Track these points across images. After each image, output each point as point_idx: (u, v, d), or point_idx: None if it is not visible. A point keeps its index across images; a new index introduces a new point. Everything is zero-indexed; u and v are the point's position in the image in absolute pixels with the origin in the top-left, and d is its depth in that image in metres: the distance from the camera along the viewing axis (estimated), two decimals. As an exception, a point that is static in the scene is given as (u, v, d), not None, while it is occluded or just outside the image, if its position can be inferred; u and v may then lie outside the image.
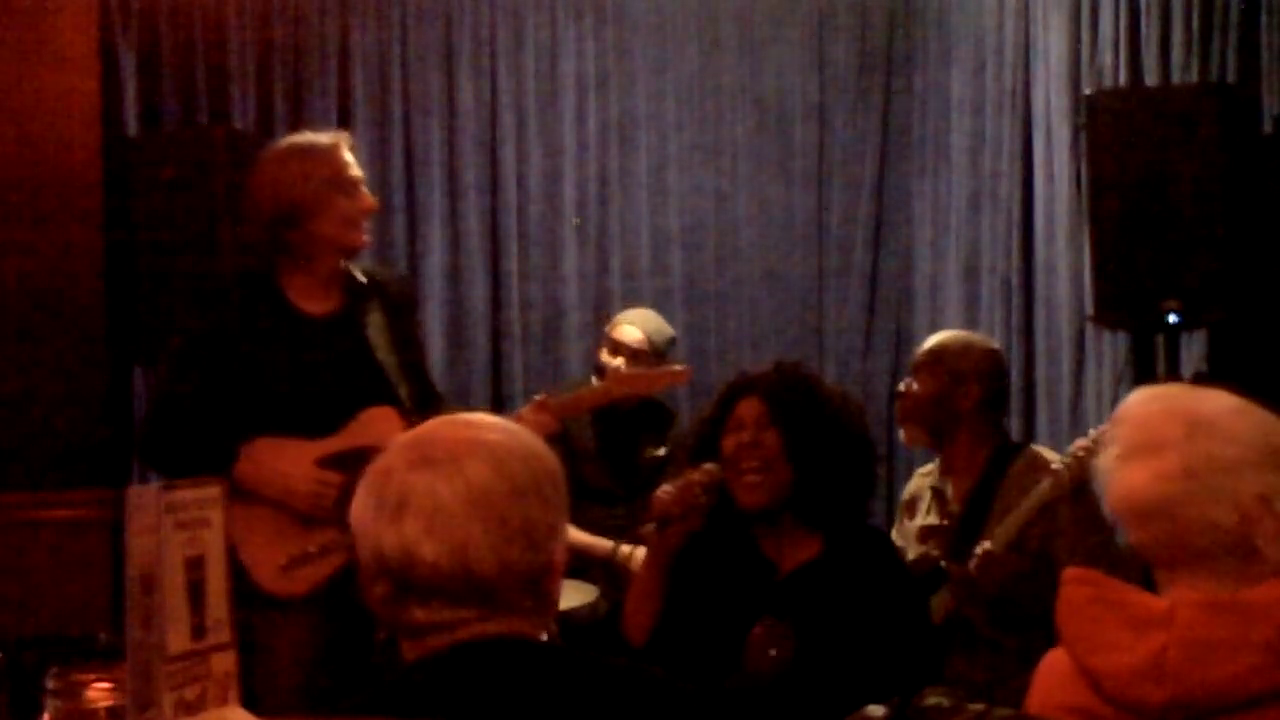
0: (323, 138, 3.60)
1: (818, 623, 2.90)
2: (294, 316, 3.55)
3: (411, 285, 3.84)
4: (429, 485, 1.72)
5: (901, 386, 3.89)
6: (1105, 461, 2.11)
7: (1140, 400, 2.13)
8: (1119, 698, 1.96)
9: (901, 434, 3.92)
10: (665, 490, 3.00)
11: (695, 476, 2.99)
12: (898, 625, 2.94)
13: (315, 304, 3.58)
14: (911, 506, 3.95)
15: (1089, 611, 2.03)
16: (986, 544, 3.53)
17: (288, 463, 3.45)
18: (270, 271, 3.56)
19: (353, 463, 3.42)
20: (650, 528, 3.00)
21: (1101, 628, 2.01)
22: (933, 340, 3.95)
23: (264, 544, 3.40)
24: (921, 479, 3.97)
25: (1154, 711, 1.93)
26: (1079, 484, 3.49)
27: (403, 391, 3.59)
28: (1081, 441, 3.58)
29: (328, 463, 3.46)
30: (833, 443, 3.00)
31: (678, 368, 3.89)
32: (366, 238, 3.63)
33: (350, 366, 3.56)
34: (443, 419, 1.89)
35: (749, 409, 3.02)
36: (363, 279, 3.64)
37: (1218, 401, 2.06)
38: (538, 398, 3.65)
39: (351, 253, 3.60)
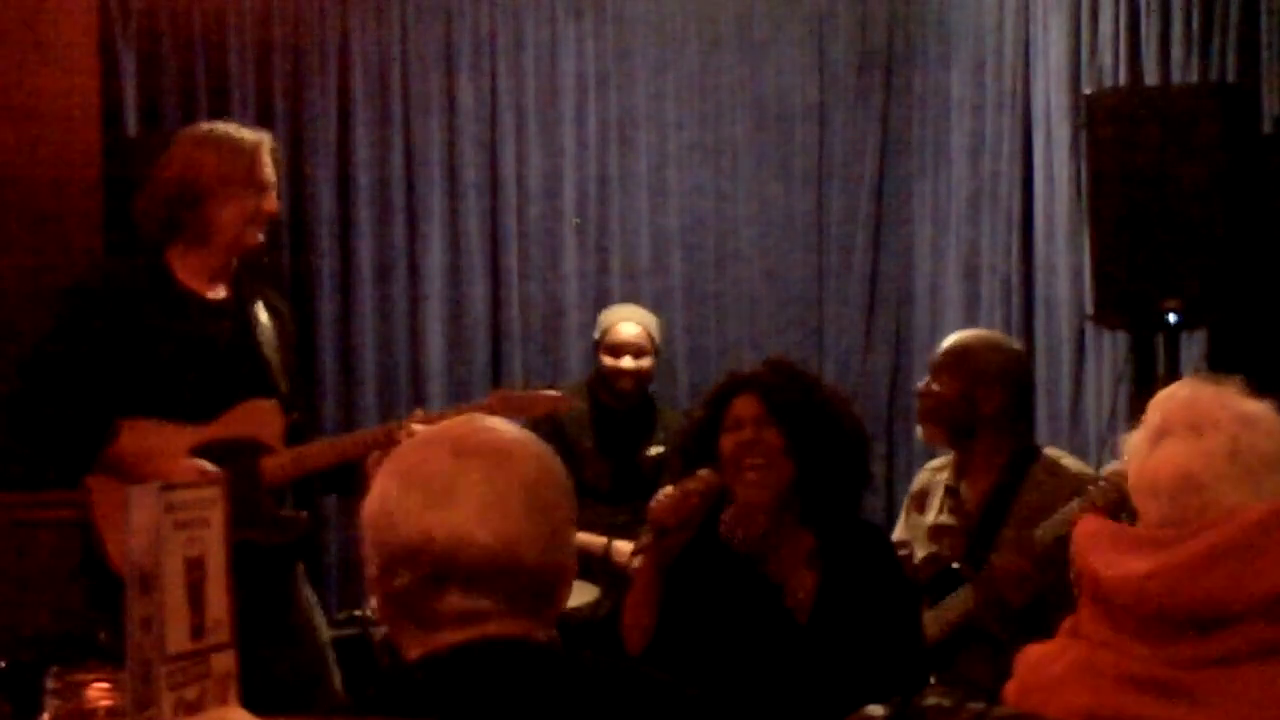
0: (246, 133, 3.53)
1: (812, 621, 2.90)
2: (181, 293, 3.47)
3: (288, 300, 3.88)
4: (482, 474, 1.74)
5: (921, 385, 3.80)
6: (1139, 438, 2.13)
7: (1186, 386, 2.18)
8: (1118, 596, 1.99)
9: (919, 432, 3.85)
10: (661, 500, 2.99)
11: (691, 485, 2.98)
12: (892, 621, 2.93)
13: (203, 288, 3.50)
14: (921, 501, 3.90)
15: (1099, 537, 2.07)
16: (1021, 562, 3.48)
17: (161, 446, 3.34)
18: (160, 251, 3.48)
19: (228, 454, 3.38)
20: (647, 538, 3.00)
21: (1107, 546, 2.08)
22: (955, 339, 3.85)
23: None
24: (932, 473, 3.92)
25: (1152, 600, 1.97)
26: (1112, 506, 3.43)
27: (284, 386, 3.53)
28: (1117, 466, 3.50)
29: (202, 451, 3.37)
30: (832, 436, 3.01)
31: (556, 394, 3.79)
32: (261, 239, 3.52)
33: (234, 352, 3.48)
34: (456, 419, 1.90)
35: (746, 407, 3.01)
36: (249, 279, 3.58)
37: (1255, 400, 2.12)
38: (418, 411, 3.56)
39: (245, 250, 3.50)
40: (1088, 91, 4.68)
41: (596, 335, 4.96)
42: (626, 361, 4.79)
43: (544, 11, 5.87)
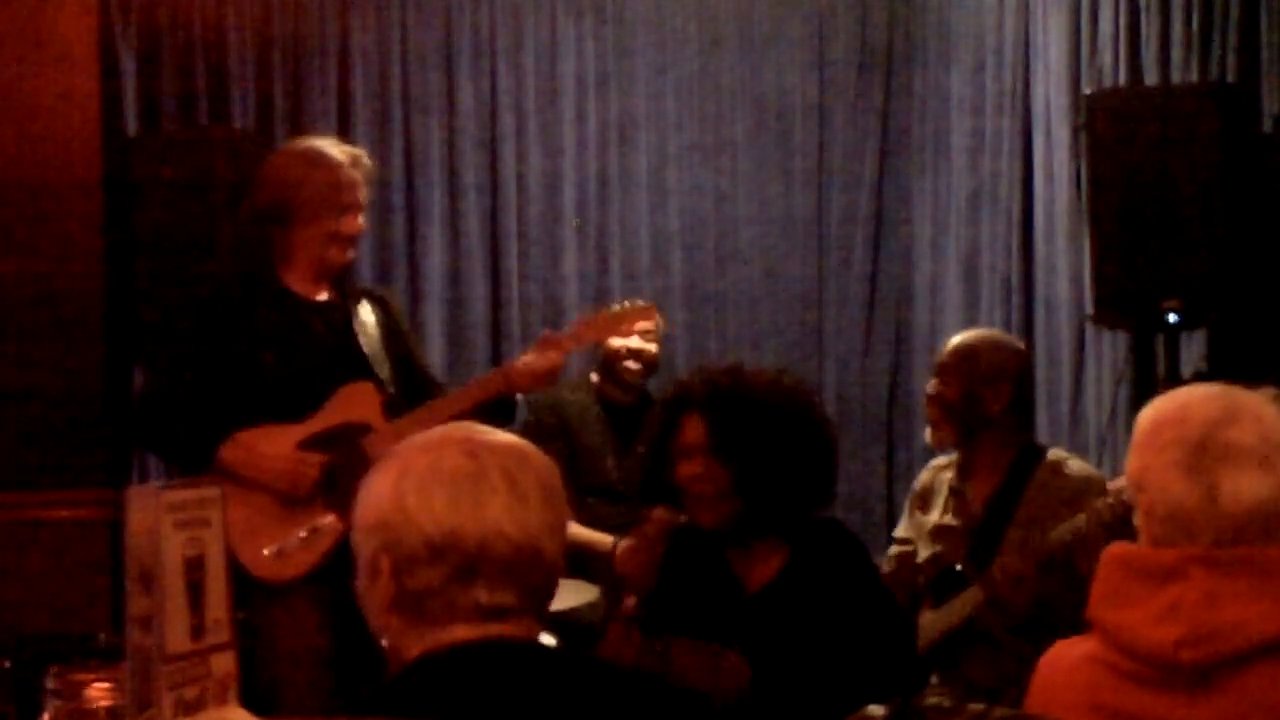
0: (337, 151, 3.67)
1: (784, 640, 2.86)
2: (283, 294, 3.65)
3: (398, 303, 4.02)
4: (501, 472, 1.76)
5: (930, 389, 3.75)
6: (1177, 459, 2.03)
7: (1229, 404, 2.06)
8: (1134, 645, 1.97)
9: (928, 435, 3.83)
10: (625, 553, 3.01)
11: (649, 530, 2.99)
12: (871, 630, 2.89)
13: (308, 291, 3.68)
14: (925, 500, 3.88)
15: (1114, 574, 2.05)
16: (1024, 566, 3.47)
17: (270, 446, 3.51)
18: (268, 259, 3.66)
19: (333, 442, 3.53)
20: (630, 601, 2.98)
21: (1123, 584, 2.03)
22: (958, 340, 3.80)
23: (252, 530, 3.44)
24: (935, 472, 3.90)
25: (1168, 648, 1.94)
26: (1118, 521, 3.40)
27: (384, 373, 3.66)
28: (1122, 483, 3.47)
29: (309, 444, 3.52)
30: (781, 460, 2.89)
31: (641, 303, 3.91)
32: (349, 256, 3.71)
33: (332, 346, 3.64)
34: (456, 424, 1.91)
35: (693, 433, 2.92)
36: (357, 284, 3.81)
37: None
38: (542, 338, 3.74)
39: (330, 269, 3.68)
40: (1088, 91, 4.68)
41: None
42: (635, 341, 4.76)
43: (544, 11, 5.87)
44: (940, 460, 3.93)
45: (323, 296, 3.69)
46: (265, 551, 3.44)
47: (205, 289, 3.88)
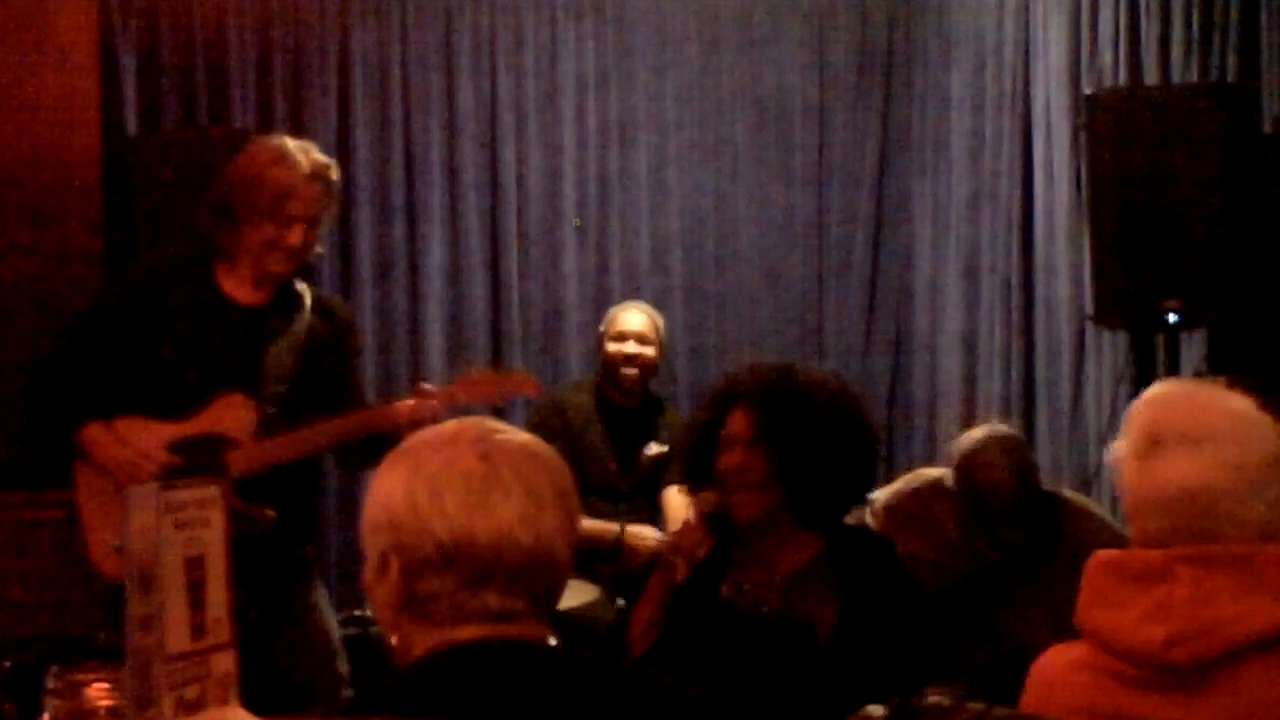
0: (304, 160, 3.50)
1: (832, 648, 2.87)
2: (209, 293, 3.53)
3: (355, 325, 3.86)
4: (515, 475, 1.74)
5: (1000, 482, 3.74)
6: (1124, 449, 2.07)
7: (1168, 390, 2.12)
8: (1125, 647, 1.97)
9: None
10: (676, 534, 3.02)
11: (695, 510, 3.01)
12: (896, 625, 2.91)
13: (239, 293, 3.55)
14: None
15: (1100, 578, 2.05)
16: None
17: (137, 437, 3.44)
18: (206, 253, 3.55)
19: (198, 449, 3.44)
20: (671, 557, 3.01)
21: (1110, 588, 2.03)
22: (1004, 443, 3.78)
23: (106, 521, 3.39)
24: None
25: (1159, 647, 1.94)
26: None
27: (273, 387, 3.52)
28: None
29: (176, 446, 3.44)
30: (825, 456, 2.93)
31: (527, 380, 3.77)
32: (289, 267, 3.53)
33: (237, 352, 3.51)
34: (470, 420, 1.87)
35: (739, 423, 2.96)
36: (302, 291, 3.61)
37: (1245, 400, 2.08)
38: (424, 385, 3.61)
39: (269, 276, 3.52)
40: (1088, 91, 4.69)
41: (603, 328, 4.96)
42: (630, 346, 4.80)
43: (544, 11, 5.87)
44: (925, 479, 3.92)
45: (255, 300, 3.55)
46: (108, 547, 3.37)
47: (127, 276, 3.74)
